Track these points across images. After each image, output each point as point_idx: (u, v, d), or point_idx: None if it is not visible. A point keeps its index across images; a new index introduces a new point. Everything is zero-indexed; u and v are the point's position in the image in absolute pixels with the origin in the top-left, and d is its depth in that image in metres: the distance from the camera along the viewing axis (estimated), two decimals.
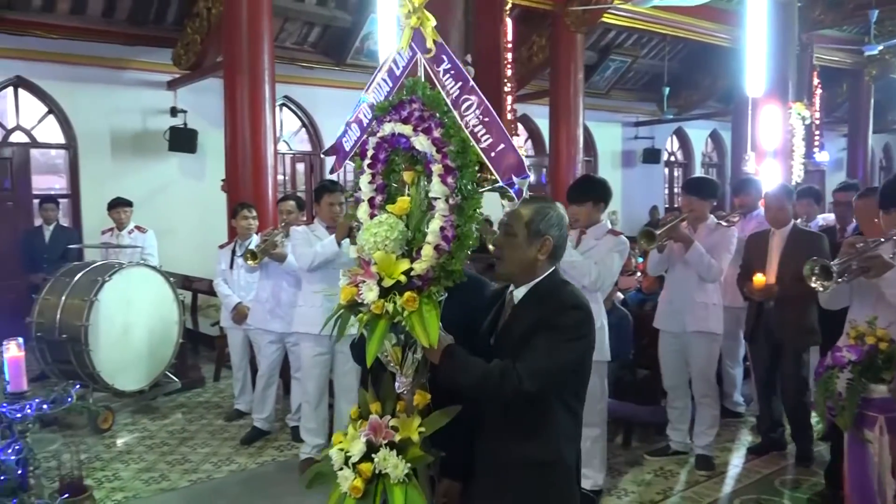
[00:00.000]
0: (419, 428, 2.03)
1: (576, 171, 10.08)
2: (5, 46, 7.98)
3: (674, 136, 16.35)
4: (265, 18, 7.11)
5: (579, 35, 10.25)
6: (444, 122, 1.98)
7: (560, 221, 2.19)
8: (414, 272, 1.96)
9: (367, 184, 2.15)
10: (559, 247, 2.19)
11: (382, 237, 1.99)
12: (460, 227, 1.98)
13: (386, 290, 1.97)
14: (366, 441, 2.03)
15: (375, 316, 1.98)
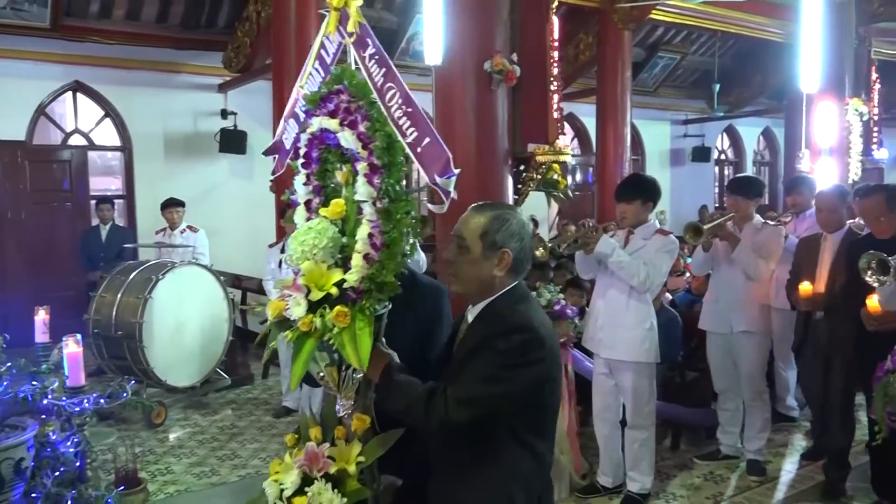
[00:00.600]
0: (358, 457, 1.85)
1: (623, 171, 9.94)
2: (65, 52, 8.24)
3: (724, 134, 16.01)
4: (313, 20, 7.18)
5: (627, 32, 10.10)
6: (370, 115, 1.80)
7: (521, 231, 1.93)
8: (347, 284, 1.78)
9: (302, 185, 1.97)
10: (521, 260, 1.93)
11: (310, 245, 1.80)
12: (388, 233, 1.78)
13: (315, 303, 1.78)
14: (300, 472, 1.85)
15: (303, 333, 1.79)
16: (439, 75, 5.25)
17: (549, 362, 1.87)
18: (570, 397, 3.92)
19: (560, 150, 5.28)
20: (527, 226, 1.97)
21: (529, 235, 1.96)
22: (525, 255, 1.94)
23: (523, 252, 1.93)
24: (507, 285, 1.92)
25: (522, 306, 1.90)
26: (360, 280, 1.77)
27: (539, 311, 1.97)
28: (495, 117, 5.10)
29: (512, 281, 1.93)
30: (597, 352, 3.99)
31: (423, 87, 10.66)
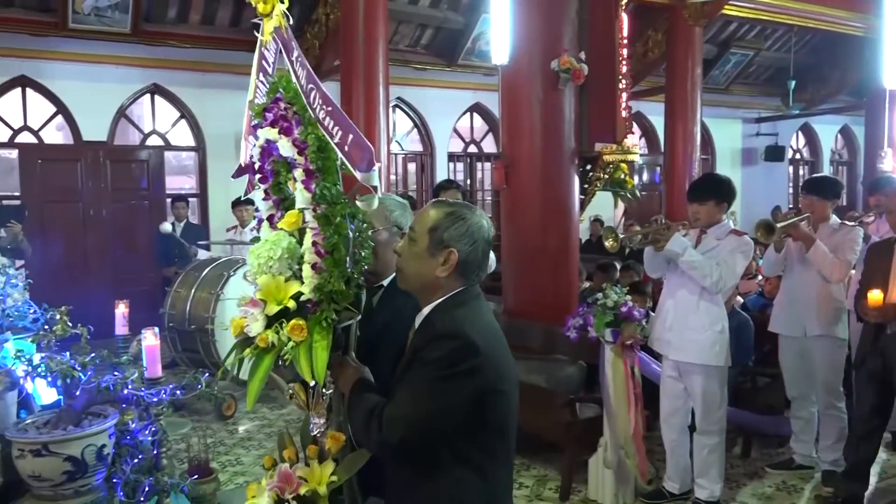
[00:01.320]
0: (331, 477, 1.74)
1: (692, 170, 9.72)
2: (144, 56, 8.57)
3: (799, 133, 15.45)
4: (381, 22, 7.27)
5: (697, 28, 9.87)
6: (303, 119, 1.74)
7: (476, 233, 1.78)
8: (304, 296, 1.70)
9: (262, 201, 1.90)
10: (468, 263, 1.78)
11: (265, 257, 1.73)
12: (329, 239, 1.70)
13: (274, 318, 1.72)
14: (273, 495, 1.77)
15: (262, 350, 1.72)
16: (506, 75, 5.25)
17: (487, 372, 1.70)
18: (636, 400, 3.85)
19: (628, 150, 5.22)
20: (485, 230, 1.82)
21: (486, 240, 1.82)
22: (475, 259, 1.79)
23: (473, 255, 1.78)
24: (454, 289, 1.79)
25: (460, 311, 1.76)
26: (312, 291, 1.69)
27: (480, 316, 1.79)
28: (562, 116, 5.07)
29: (459, 285, 1.79)
30: (665, 353, 3.92)
31: (488, 87, 10.73)
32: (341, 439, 1.80)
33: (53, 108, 8.63)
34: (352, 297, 1.75)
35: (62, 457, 2.39)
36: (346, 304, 1.73)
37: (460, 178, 11.77)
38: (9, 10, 7.76)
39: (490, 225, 1.86)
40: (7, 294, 3.54)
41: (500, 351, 1.80)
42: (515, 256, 5.33)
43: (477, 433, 1.74)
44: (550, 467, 4.50)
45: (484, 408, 1.72)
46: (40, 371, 2.70)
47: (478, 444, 1.75)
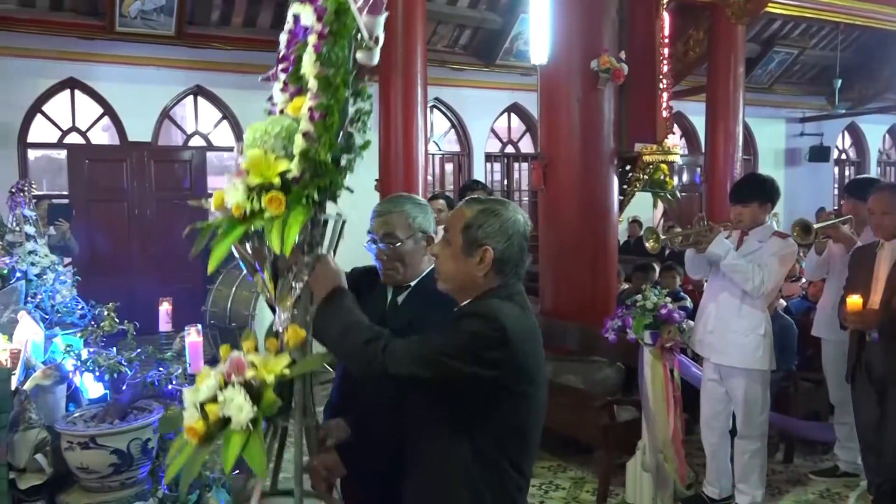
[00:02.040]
0: (283, 369, 1.68)
1: (734, 171, 9.56)
2: (187, 58, 8.73)
3: (845, 133, 15.09)
4: (419, 23, 7.30)
5: (740, 27, 9.71)
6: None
7: (511, 228, 1.75)
8: (290, 173, 1.64)
9: (280, 92, 1.85)
10: (505, 260, 1.75)
11: (262, 131, 1.70)
12: (323, 102, 1.62)
13: (255, 190, 1.67)
14: (220, 378, 1.70)
15: (233, 220, 1.68)
16: (545, 75, 5.23)
17: (511, 370, 1.68)
18: (675, 404, 3.81)
19: (668, 150, 5.17)
20: (521, 224, 1.78)
21: (522, 235, 1.78)
22: (512, 256, 1.76)
23: (510, 251, 1.75)
24: (491, 286, 1.76)
25: (496, 300, 1.73)
26: (298, 160, 1.64)
27: (518, 312, 1.74)
28: (601, 116, 5.04)
29: (497, 283, 1.77)
30: (706, 356, 3.87)
31: (526, 87, 10.70)
32: (301, 334, 1.72)
33: (100, 110, 8.84)
34: (336, 178, 1.69)
35: (109, 449, 2.45)
36: (329, 182, 1.67)
37: (497, 178, 11.75)
38: (59, 13, 7.98)
39: (526, 219, 1.83)
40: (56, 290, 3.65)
41: (531, 349, 1.74)
42: (553, 257, 5.31)
43: (492, 426, 1.71)
44: (587, 470, 4.48)
45: (500, 404, 1.70)
46: (88, 366, 2.78)
47: (494, 438, 1.72)
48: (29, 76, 8.23)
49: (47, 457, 2.50)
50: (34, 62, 8.15)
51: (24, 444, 2.48)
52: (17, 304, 3.20)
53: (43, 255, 3.74)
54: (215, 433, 1.64)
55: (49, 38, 7.99)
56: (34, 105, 8.41)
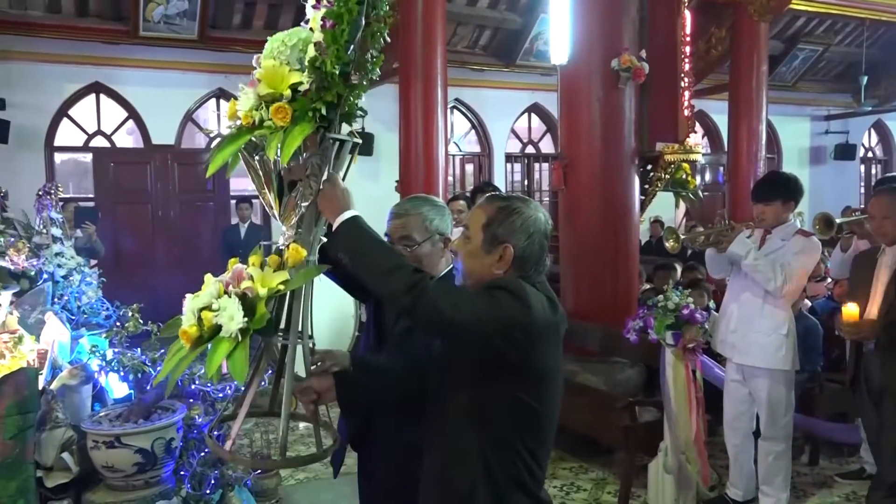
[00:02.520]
0: (279, 284, 1.67)
1: (757, 170, 9.45)
2: (210, 61, 8.82)
3: (872, 130, 14.86)
4: (439, 24, 7.31)
5: (763, 24, 9.60)
6: None
7: (532, 226, 1.74)
8: (302, 86, 1.63)
9: (311, 8, 1.80)
10: (525, 258, 1.73)
11: (279, 42, 1.69)
12: (334, 10, 1.61)
13: (265, 101, 1.66)
14: (219, 287, 1.72)
15: (242, 129, 1.67)
16: (565, 74, 5.21)
17: (531, 355, 1.67)
18: (698, 405, 3.77)
19: (690, 149, 5.12)
20: (542, 222, 1.76)
21: (543, 233, 1.77)
22: (532, 253, 1.74)
23: (530, 249, 1.73)
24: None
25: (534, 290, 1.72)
26: (307, 70, 1.62)
27: (544, 301, 1.73)
28: (622, 116, 5.01)
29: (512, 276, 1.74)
30: (729, 357, 3.83)
31: (546, 87, 10.67)
32: (302, 253, 1.71)
33: (125, 113, 8.96)
34: (343, 92, 1.67)
35: (133, 449, 2.48)
36: (336, 96, 1.64)
37: (517, 178, 11.73)
38: (84, 19, 8.10)
39: (547, 218, 1.81)
40: (82, 292, 3.71)
41: (551, 338, 1.73)
42: (574, 257, 5.29)
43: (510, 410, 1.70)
44: (609, 471, 4.45)
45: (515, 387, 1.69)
46: (113, 366, 2.82)
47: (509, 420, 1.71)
48: (55, 81, 8.36)
49: (73, 455, 2.55)
50: (60, 67, 8.29)
51: (50, 443, 2.52)
52: (45, 305, 3.26)
53: (69, 257, 3.80)
54: (206, 339, 1.66)
55: (74, 43, 8.12)
56: (60, 109, 8.55)
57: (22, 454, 2.41)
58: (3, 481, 2.35)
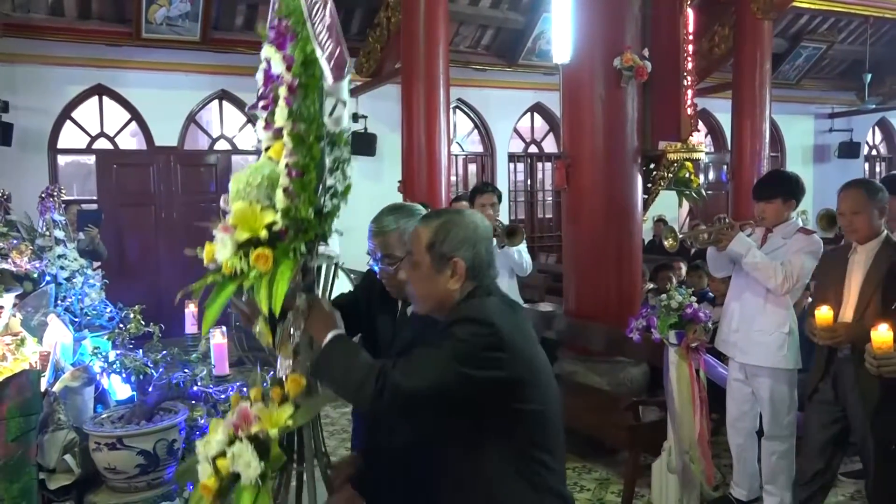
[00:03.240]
0: (287, 421, 1.66)
1: (761, 168, 9.44)
2: (212, 63, 8.82)
3: (876, 128, 14.82)
4: (441, 24, 7.31)
5: (767, 22, 9.58)
6: (297, 33, 1.64)
7: (473, 234, 1.76)
8: (276, 226, 1.63)
9: (263, 130, 1.82)
10: (476, 266, 1.76)
11: (244, 182, 1.67)
12: (299, 161, 1.60)
13: (244, 246, 1.64)
14: (230, 431, 1.69)
15: (225, 278, 1.66)
16: (567, 73, 5.21)
17: (515, 365, 1.66)
18: (702, 404, 3.76)
19: (693, 148, 5.11)
20: (481, 229, 1.78)
21: (485, 238, 1.78)
22: (481, 260, 1.76)
23: (478, 258, 1.75)
24: (468, 291, 1.76)
25: (481, 300, 1.73)
26: (281, 217, 1.63)
27: (503, 306, 1.74)
28: (625, 115, 5.00)
29: (471, 286, 1.76)
30: (731, 356, 3.82)
31: (549, 87, 10.67)
32: (301, 383, 1.72)
33: (128, 115, 8.97)
34: (320, 230, 1.68)
35: (135, 450, 2.48)
36: (314, 235, 1.65)
37: (520, 178, 11.72)
38: (86, 21, 8.12)
39: (484, 222, 1.82)
40: (85, 294, 3.71)
41: (522, 343, 1.71)
42: (577, 257, 5.28)
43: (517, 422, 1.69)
44: (612, 471, 4.44)
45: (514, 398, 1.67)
46: (115, 367, 2.82)
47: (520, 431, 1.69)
48: (58, 83, 8.38)
49: (76, 457, 2.55)
50: (63, 70, 8.30)
51: (53, 445, 2.52)
52: (47, 307, 3.26)
53: (72, 259, 3.81)
54: (228, 487, 1.66)
55: (77, 45, 8.14)
56: (63, 111, 8.57)
57: (24, 456, 2.40)
58: (5, 484, 2.35)
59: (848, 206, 3.14)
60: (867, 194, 3.11)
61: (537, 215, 11.75)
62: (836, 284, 3.16)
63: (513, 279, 4.63)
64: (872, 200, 3.09)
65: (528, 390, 1.70)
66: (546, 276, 7.84)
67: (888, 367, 2.41)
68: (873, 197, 3.10)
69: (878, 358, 2.41)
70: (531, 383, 1.71)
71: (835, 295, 3.13)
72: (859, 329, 2.89)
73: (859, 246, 3.16)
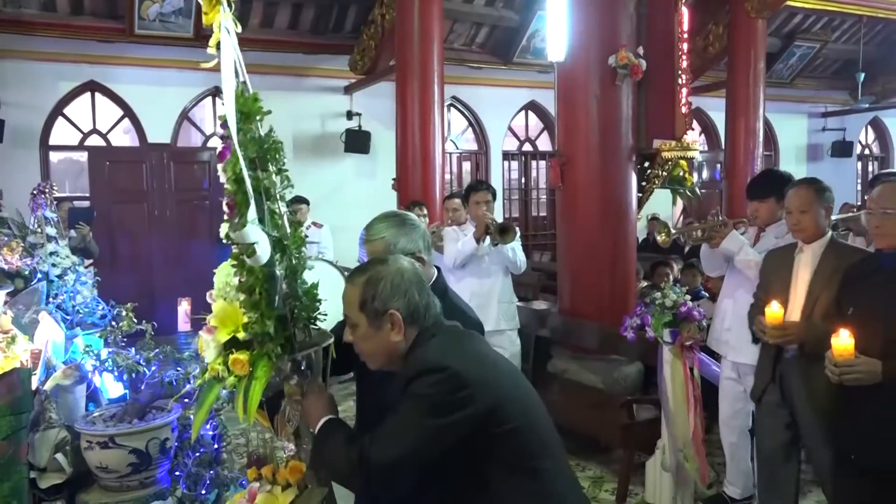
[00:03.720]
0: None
1: (754, 167, 9.47)
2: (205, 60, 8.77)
3: (869, 127, 14.88)
4: (436, 22, 7.30)
5: (760, 21, 9.61)
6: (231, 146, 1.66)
7: (402, 282, 1.74)
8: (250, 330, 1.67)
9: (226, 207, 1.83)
10: (414, 311, 1.75)
11: (223, 283, 1.71)
12: (244, 280, 1.63)
13: (227, 346, 1.68)
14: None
15: (211, 380, 1.70)
16: (562, 71, 5.20)
17: (483, 396, 1.64)
18: (696, 403, 3.77)
19: (688, 146, 5.10)
20: (407, 273, 1.77)
21: (414, 281, 1.76)
22: (416, 305, 1.74)
23: (412, 303, 1.74)
24: (412, 336, 1.75)
25: (434, 341, 1.73)
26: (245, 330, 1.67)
27: (459, 343, 1.75)
28: (619, 113, 4.99)
29: (415, 331, 1.75)
30: (724, 354, 3.82)
31: (544, 85, 10.65)
32: (301, 468, 1.75)
33: (120, 112, 8.93)
34: (282, 340, 1.70)
35: (128, 449, 2.47)
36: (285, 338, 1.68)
37: (514, 176, 11.71)
38: (79, 18, 8.07)
39: (412, 263, 1.83)
40: (77, 291, 3.68)
41: (480, 371, 1.69)
42: (571, 255, 5.28)
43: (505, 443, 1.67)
44: (606, 469, 4.45)
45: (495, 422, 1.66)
46: (108, 366, 2.80)
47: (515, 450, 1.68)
48: (50, 79, 8.33)
49: (67, 456, 2.53)
50: (55, 66, 8.25)
51: (44, 444, 2.50)
52: (39, 304, 3.24)
53: (64, 256, 3.78)
54: None
55: (69, 41, 8.09)
56: (55, 108, 8.52)
57: (15, 455, 2.39)
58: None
59: (796, 204, 3.10)
60: (815, 193, 3.07)
61: (531, 213, 11.75)
62: (782, 284, 3.11)
63: (507, 277, 4.63)
64: (820, 200, 3.06)
65: (504, 411, 1.68)
66: (540, 274, 7.84)
67: (850, 375, 2.33)
68: (821, 196, 3.07)
69: (839, 365, 2.34)
70: (504, 403, 1.69)
71: (780, 294, 3.06)
72: (809, 328, 2.90)
73: (805, 245, 3.11)
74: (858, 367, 2.31)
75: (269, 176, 1.68)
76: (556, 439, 1.81)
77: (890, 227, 2.42)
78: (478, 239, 4.36)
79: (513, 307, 4.64)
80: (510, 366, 1.86)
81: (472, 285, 4.51)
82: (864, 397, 2.37)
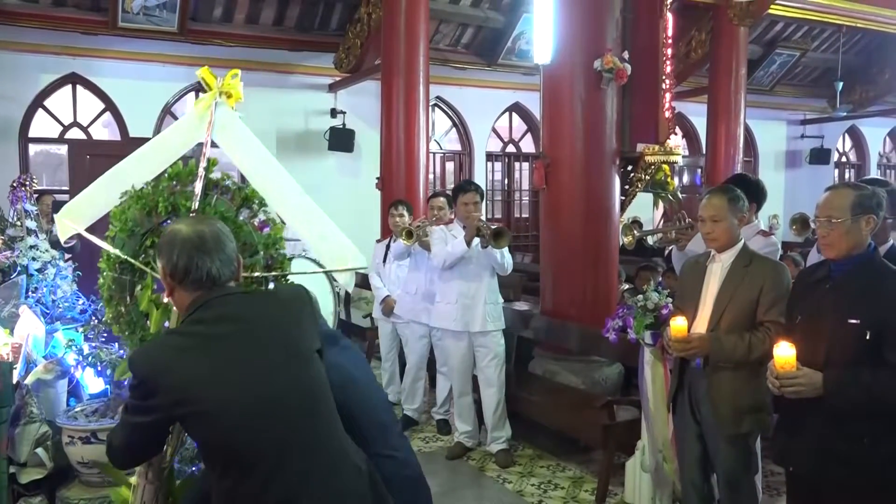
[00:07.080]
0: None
1: (734, 172, 9.58)
2: (190, 55, 8.72)
3: (846, 135, 15.12)
4: (422, 22, 7.31)
5: (742, 28, 9.73)
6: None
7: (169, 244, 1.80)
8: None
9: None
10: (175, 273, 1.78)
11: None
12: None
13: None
14: None
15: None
16: (547, 74, 5.23)
17: (173, 406, 1.65)
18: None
19: (671, 151, 5.15)
20: (178, 236, 1.77)
21: (184, 245, 1.75)
22: (179, 267, 1.74)
23: (174, 265, 1.75)
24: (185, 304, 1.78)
25: (148, 345, 1.90)
26: None
27: (168, 347, 1.72)
28: (604, 116, 5.03)
29: (189, 299, 1.77)
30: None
31: (528, 87, 10.70)
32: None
33: (102, 105, 8.84)
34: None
35: None
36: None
37: (498, 178, 11.76)
38: (61, 9, 7.98)
39: (193, 229, 1.79)
40: (57, 286, 3.65)
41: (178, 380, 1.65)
42: (554, 257, 5.31)
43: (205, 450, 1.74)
44: (586, 469, 4.48)
45: (190, 430, 1.73)
46: (89, 360, 2.78)
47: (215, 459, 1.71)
48: (31, 71, 8.24)
49: (48, 451, 2.51)
50: (36, 57, 8.16)
51: (25, 439, 2.48)
52: (18, 298, 3.21)
53: (44, 250, 3.74)
54: None
55: (51, 33, 8.00)
56: (36, 100, 8.43)
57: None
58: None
59: (709, 213, 2.99)
60: (728, 202, 2.98)
61: (514, 215, 11.81)
62: (693, 293, 3.04)
63: (494, 278, 4.65)
64: (733, 208, 2.97)
65: (204, 419, 1.65)
66: (522, 275, 7.86)
67: (791, 388, 2.24)
68: (734, 205, 2.98)
69: (780, 377, 2.25)
70: (203, 413, 1.65)
71: (692, 304, 3.01)
72: (713, 341, 2.84)
73: (717, 255, 3.02)
74: (800, 380, 2.24)
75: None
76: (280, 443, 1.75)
77: (835, 236, 2.39)
78: (468, 242, 4.36)
79: (499, 308, 4.66)
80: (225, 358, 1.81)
81: (460, 286, 4.52)
82: (805, 411, 2.31)
